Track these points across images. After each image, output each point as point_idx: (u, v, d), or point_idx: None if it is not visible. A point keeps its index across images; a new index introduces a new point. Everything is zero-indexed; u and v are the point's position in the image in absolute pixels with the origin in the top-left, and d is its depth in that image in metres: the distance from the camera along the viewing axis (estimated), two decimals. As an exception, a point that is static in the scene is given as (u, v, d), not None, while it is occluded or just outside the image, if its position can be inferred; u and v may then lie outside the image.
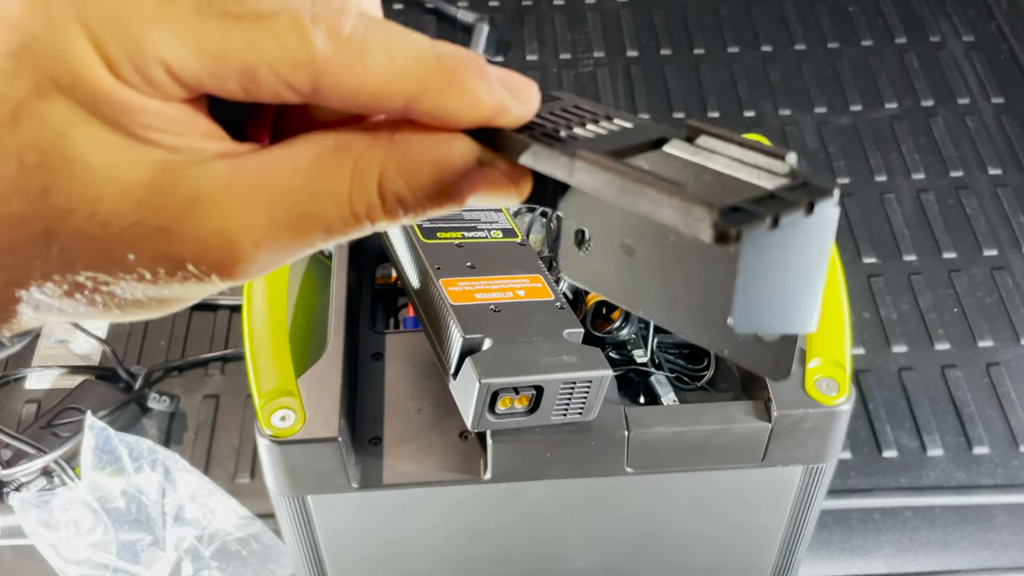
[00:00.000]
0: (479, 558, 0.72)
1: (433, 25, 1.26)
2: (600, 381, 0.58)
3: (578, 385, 0.58)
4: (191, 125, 0.25)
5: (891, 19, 1.26)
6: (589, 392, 0.58)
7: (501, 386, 0.56)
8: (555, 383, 0.57)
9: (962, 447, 0.87)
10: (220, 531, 0.78)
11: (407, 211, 0.26)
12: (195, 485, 0.78)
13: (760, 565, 0.74)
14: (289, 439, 0.59)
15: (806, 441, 0.62)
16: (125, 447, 0.77)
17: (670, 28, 1.25)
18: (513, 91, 0.26)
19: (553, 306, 0.62)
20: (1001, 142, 1.11)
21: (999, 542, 0.83)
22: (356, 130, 0.26)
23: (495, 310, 0.60)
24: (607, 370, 0.58)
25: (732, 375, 0.69)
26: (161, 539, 0.77)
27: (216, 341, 0.95)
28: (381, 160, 0.25)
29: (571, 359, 0.58)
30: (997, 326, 0.95)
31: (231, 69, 0.24)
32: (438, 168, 0.26)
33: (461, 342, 0.57)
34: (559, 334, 0.60)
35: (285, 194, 0.25)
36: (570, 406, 0.59)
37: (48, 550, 0.76)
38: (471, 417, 0.57)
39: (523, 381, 0.57)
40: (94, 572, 0.76)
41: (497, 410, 0.57)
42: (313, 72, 0.24)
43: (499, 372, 0.56)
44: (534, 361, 0.57)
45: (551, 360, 0.58)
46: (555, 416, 0.59)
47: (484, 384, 0.55)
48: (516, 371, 0.56)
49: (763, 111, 1.15)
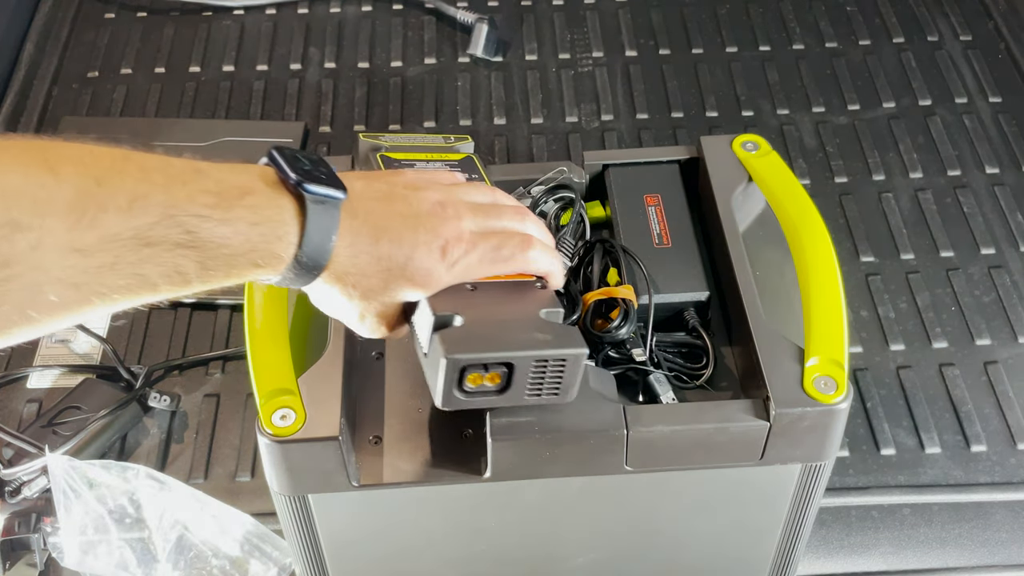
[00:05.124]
0: (479, 556, 0.72)
1: (433, 25, 1.27)
2: (575, 360, 0.56)
3: (551, 363, 0.56)
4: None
5: (889, 19, 1.26)
6: (564, 371, 0.57)
7: (468, 362, 0.54)
8: (526, 360, 0.55)
9: (960, 445, 0.87)
10: (219, 533, 0.78)
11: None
12: (186, 494, 0.78)
13: (759, 562, 0.74)
14: (290, 438, 0.59)
15: (804, 439, 0.63)
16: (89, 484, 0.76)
17: (669, 28, 1.26)
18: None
19: (533, 287, 0.60)
20: (999, 141, 1.11)
21: (997, 539, 0.84)
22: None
23: (471, 288, 0.58)
24: (582, 348, 0.56)
25: (731, 374, 0.69)
26: (160, 541, 0.77)
27: (217, 340, 0.95)
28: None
29: (544, 337, 0.56)
30: (995, 324, 0.95)
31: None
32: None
33: (432, 319, 0.55)
34: (536, 313, 0.58)
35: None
36: (544, 386, 0.57)
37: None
38: (439, 394, 0.56)
39: (491, 357, 0.55)
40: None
41: (466, 387, 0.56)
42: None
43: (467, 348, 0.54)
44: (505, 338, 0.56)
45: (523, 337, 0.56)
46: (529, 396, 0.57)
47: (450, 359, 0.54)
48: (485, 347, 0.55)
49: (761, 111, 1.15)
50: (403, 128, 1.14)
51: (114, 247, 0.44)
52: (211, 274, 0.48)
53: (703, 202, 0.76)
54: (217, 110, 1.17)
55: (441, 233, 0.55)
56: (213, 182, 0.48)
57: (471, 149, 0.76)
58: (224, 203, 0.48)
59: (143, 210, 0.45)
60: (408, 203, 0.55)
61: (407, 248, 0.54)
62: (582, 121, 1.15)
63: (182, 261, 0.47)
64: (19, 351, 0.94)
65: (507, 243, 0.57)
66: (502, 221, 0.58)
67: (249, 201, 0.48)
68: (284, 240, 0.50)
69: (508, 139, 1.13)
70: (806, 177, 1.08)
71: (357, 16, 1.28)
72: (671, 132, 1.14)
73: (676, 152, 0.79)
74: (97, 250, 0.44)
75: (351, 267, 0.53)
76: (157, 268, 0.46)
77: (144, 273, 0.46)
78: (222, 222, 0.47)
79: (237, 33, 1.26)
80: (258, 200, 0.49)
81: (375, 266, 0.53)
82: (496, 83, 1.20)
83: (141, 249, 0.45)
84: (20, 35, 1.25)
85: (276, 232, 0.49)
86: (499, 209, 0.59)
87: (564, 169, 0.78)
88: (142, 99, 1.18)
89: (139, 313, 0.97)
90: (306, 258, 0.50)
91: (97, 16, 1.29)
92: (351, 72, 1.21)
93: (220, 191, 0.48)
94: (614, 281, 0.70)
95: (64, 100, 1.18)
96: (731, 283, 0.68)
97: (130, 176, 0.45)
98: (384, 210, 0.54)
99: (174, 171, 0.47)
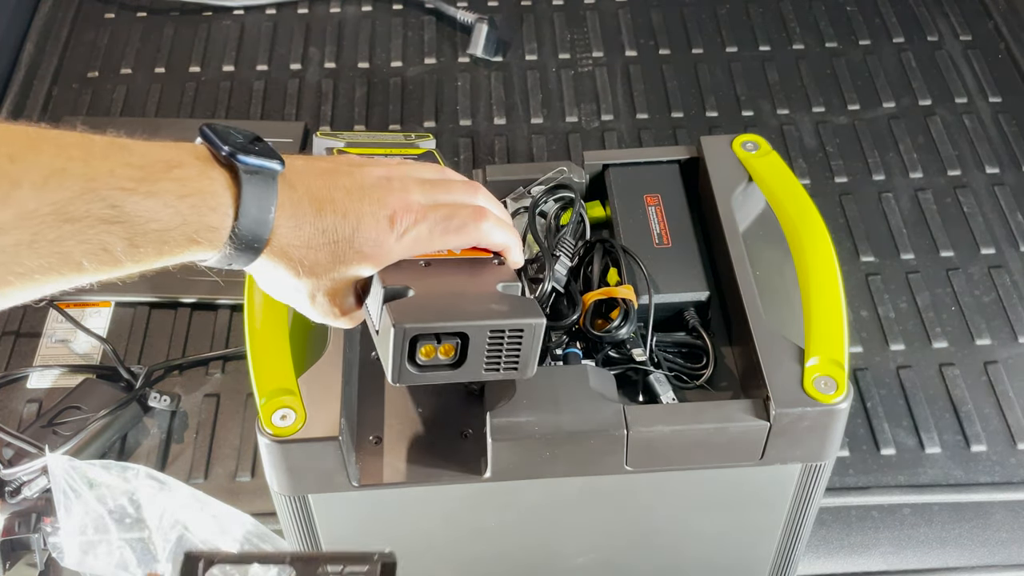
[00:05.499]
0: (479, 556, 0.72)
1: (433, 25, 1.27)
2: (533, 330, 0.54)
3: (508, 334, 0.54)
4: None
5: (889, 19, 1.26)
6: (522, 343, 0.55)
7: (419, 331, 0.52)
8: (480, 330, 0.53)
9: (960, 445, 0.87)
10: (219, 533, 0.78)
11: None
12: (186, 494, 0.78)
13: (759, 562, 0.74)
14: (290, 438, 0.59)
15: (804, 439, 0.63)
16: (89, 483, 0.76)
17: (669, 28, 1.25)
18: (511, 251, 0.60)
19: (490, 263, 0.58)
20: (999, 141, 1.11)
21: (996, 539, 0.84)
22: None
23: (425, 264, 0.56)
24: (539, 318, 0.54)
25: (731, 374, 0.69)
26: (160, 541, 0.77)
27: (217, 340, 0.95)
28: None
29: (500, 307, 0.54)
30: (995, 324, 0.95)
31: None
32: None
33: (383, 293, 0.53)
34: (492, 287, 0.56)
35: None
36: (502, 360, 0.55)
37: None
38: (390, 368, 0.54)
39: (444, 327, 0.53)
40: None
41: (419, 360, 0.54)
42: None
43: (418, 317, 0.52)
44: (459, 308, 0.54)
45: (478, 308, 0.54)
46: (487, 371, 0.55)
47: (399, 328, 0.52)
48: (437, 317, 0.53)
49: (761, 111, 1.15)
50: (403, 128, 1.14)
51: (31, 224, 0.43)
52: (142, 252, 0.46)
53: (703, 202, 0.76)
54: (217, 110, 1.17)
55: (388, 203, 0.53)
56: (137, 156, 0.46)
57: (432, 145, 0.75)
58: (150, 176, 0.46)
59: (60, 184, 0.43)
60: (352, 177, 0.53)
61: (352, 219, 0.52)
62: (582, 121, 1.15)
63: (108, 238, 0.45)
64: (19, 351, 0.94)
65: (458, 213, 0.56)
66: (452, 194, 0.57)
67: (177, 174, 0.47)
68: (218, 212, 0.48)
69: (508, 139, 1.13)
70: (806, 177, 1.08)
71: (357, 16, 1.28)
72: (671, 132, 1.14)
73: (676, 152, 0.79)
74: (12, 228, 0.42)
75: (295, 239, 0.51)
76: (81, 246, 0.44)
77: (66, 251, 0.44)
78: (148, 195, 0.45)
79: (237, 33, 1.26)
80: (187, 173, 0.47)
81: (320, 238, 0.51)
82: (496, 83, 1.20)
83: (62, 225, 0.43)
84: (20, 35, 1.25)
85: (208, 204, 0.47)
86: (448, 183, 0.58)
87: (564, 169, 0.78)
88: (142, 99, 1.18)
89: (139, 313, 0.97)
90: (245, 231, 0.48)
91: (97, 16, 1.29)
92: (351, 72, 1.21)
93: (145, 164, 0.46)
94: (614, 281, 0.70)
95: (64, 100, 1.18)
96: (731, 283, 0.68)
97: (46, 152, 0.44)
98: (327, 183, 0.52)
99: (95, 146, 0.46)
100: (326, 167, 0.54)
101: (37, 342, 0.94)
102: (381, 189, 0.53)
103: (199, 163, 0.48)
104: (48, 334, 0.95)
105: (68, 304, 0.96)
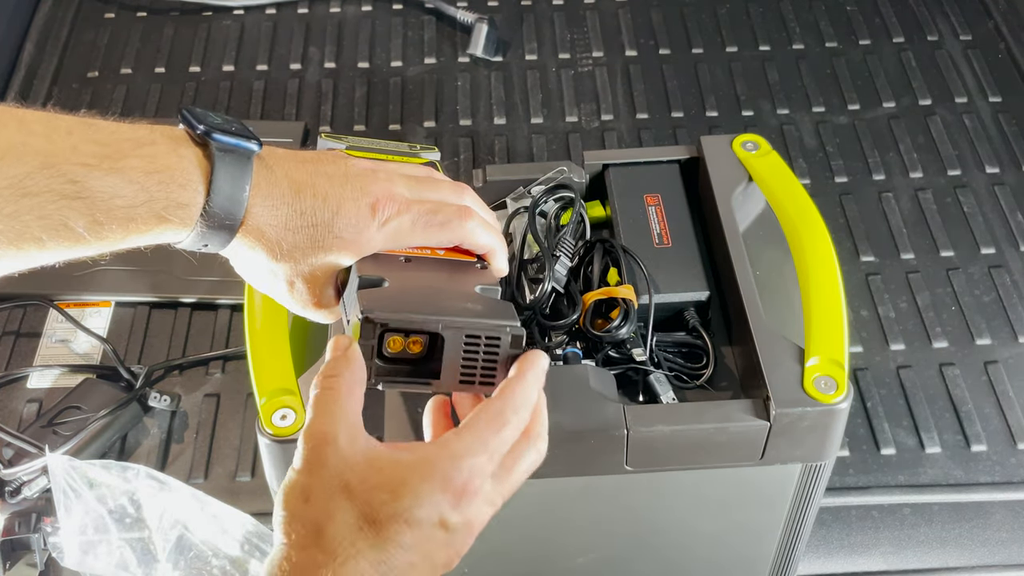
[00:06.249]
0: (479, 555, 0.72)
1: (433, 25, 1.27)
2: (508, 336, 0.51)
3: (485, 340, 0.51)
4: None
5: (889, 18, 1.26)
6: (499, 351, 0.52)
7: (386, 320, 0.50)
8: (456, 334, 0.50)
9: (960, 445, 0.87)
10: (219, 533, 0.78)
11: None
12: (186, 493, 0.78)
13: (759, 562, 0.74)
14: (290, 438, 0.59)
15: (805, 439, 0.63)
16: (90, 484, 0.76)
17: (669, 28, 1.25)
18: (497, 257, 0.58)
19: (473, 266, 0.57)
20: (999, 141, 1.11)
21: (996, 539, 0.84)
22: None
23: (405, 260, 0.55)
24: (514, 322, 0.52)
25: (731, 374, 0.69)
26: (160, 541, 0.77)
27: (217, 340, 0.95)
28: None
29: (476, 308, 0.52)
30: (995, 324, 0.95)
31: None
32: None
33: (357, 280, 0.52)
34: (471, 288, 0.55)
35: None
36: (479, 366, 0.52)
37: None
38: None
39: (414, 322, 0.50)
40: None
41: (386, 353, 0.51)
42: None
43: (388, 308, 0.50)
44: (433, 304, 0.51)
45: (451, 305, 0.52)
46: (463, 380, 0.52)
47: (367, 315, 0.49)
48: (409, 310, 0.50)
49: (761, 110, 1.15)
50: (403, 128, 1.14)
51: None
52: (106, 229, 0.45)
53: (703, 202, 0.76)
54: (217, 110, 1.16)
55: (371, 191, 0.52)
56: (105, 134, 0.46)
57: (436, 157, 0.74)
58: (115, 153, 0.45)
59: (18, 159, 0.43)
60: (336, 165, 0.53)
61: (333, 203, 0.51)
62: (582, 121, 1.15)
63: (69, 214, 0.44)
64: (19, 351, 0.94)
65: (443, 209, 0.54)
66: (439, 192, 0.56)
67: (146, 151, 0.46)
68: (188, 188, 0.47)
69: (508, 139, 1.13)
70: (806, 177, 1.08)
71: (357, 16, 1.28)
72: (671, 132, 1.14)
73: (676, 152, 0.79)
74: None
75: (271, 219, 0.50)
76: (40, 221, 0.44)
77: (24, 226, 0.44)
78: (111, 171, 0.45)
79: (237, 33, 1.26)
80: (157, 150, 0.46)
81: (298, 220, 0.50)
82: (496, 83, 1.20)
83: (19, 200, 0.43)
84: (20, 35, 1.25)
85: (176, 180, 0.46)
86: (436, 182, 0.57)
87: (564, 169, 0.78)
88: (142, 99, 1.18)
89: (139, 313, 0.97)
90: (217, 208, 0.47)
91: (97, 16, 1.29)
92: (351, 72, 1.21)
93: (111, 142, 0.46)
94: (614, 281, 0.70)
95: (64, 100, 1.18)
96: (731, 283, 0.68)
97: (6, 128, 0.44)
98: (308, 169, 0.52)
99: (59, 123, 0.45)
100: (310, 156, 0.53)
101: (37, 342, 0.94)
102: (365, 178, 0.53)
103: (170, 142, 0.48)
104: (48, 334, 0.95)
105: (68, 304, 0.96)
